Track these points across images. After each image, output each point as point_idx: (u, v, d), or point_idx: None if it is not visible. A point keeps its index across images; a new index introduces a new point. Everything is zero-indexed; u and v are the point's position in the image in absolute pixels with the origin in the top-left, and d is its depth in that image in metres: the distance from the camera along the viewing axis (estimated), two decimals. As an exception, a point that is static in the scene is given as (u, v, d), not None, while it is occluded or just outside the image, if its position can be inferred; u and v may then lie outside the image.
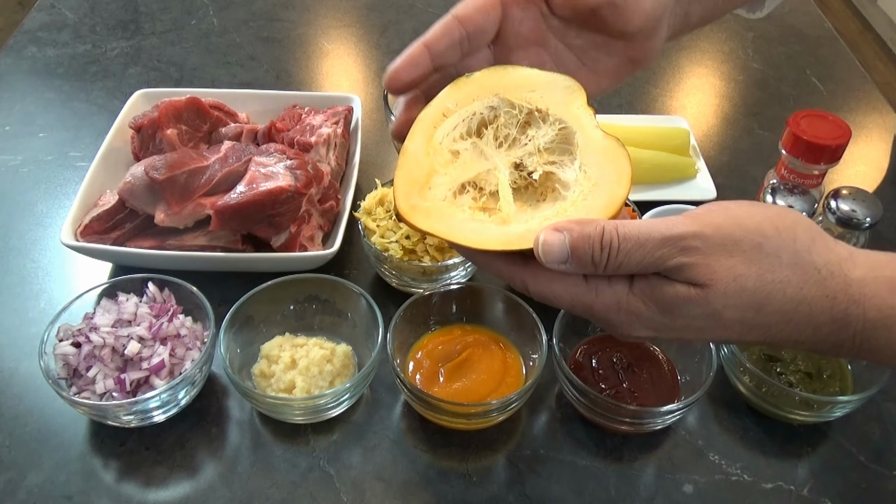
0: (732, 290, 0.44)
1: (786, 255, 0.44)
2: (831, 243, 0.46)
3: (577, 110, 0.51)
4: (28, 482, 0.69)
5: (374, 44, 1.29)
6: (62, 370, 0.70)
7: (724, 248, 0.44)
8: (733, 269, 0.44)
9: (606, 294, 0.46)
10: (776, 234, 0.45)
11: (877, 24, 3.19)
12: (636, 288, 0.45)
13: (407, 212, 0.48)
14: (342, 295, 0.78)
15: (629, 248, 0.43)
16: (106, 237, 0.85)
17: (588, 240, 0.43)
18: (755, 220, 0.45)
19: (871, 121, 1.16)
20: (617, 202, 0.47)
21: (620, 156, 0.48)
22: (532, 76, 0.51)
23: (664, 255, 0.43)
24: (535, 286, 0.47)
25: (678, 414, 0.69)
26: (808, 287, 0.44)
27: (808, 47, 1.29)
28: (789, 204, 0.77)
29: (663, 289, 0.44)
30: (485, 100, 0.51)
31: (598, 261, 0.43)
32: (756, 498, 0.70)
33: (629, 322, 0.46)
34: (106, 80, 1.17)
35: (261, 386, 0.73)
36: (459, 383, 0.72)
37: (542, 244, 0.44)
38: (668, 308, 0.45)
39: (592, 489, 0.70)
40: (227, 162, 0.85)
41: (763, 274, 0.44)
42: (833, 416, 0.73)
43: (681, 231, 0.43)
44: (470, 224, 0.48)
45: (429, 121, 0.51)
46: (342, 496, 0.69)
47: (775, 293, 0.44)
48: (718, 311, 0.44)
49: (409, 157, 0.50)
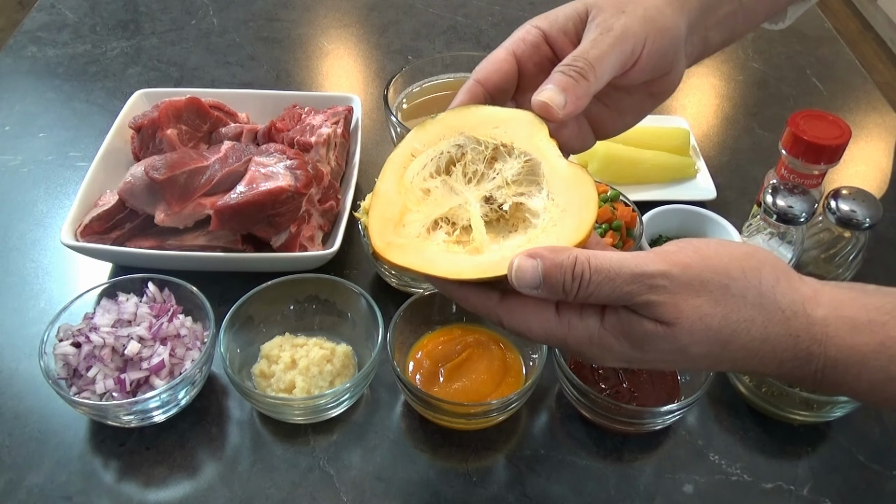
0: (698, 328, 0.45)
1: (751, 296, 0.46)
2: (796, 283, 0.48)
3: (541, 142, 0.52)
4: (28, 482, 0.69)
5: (374, 44, 1.29)
6: (62, 370, 0.70)
7: (691, 288, 0.45)
8: (699, 309, 0.45)
9: (579, 329, 0.47)
10: (742, 275, 0.46)
11: (877, 24, 3.19)
12: (607, 323, 0.47)
13: (382, 249, 0.49)
14: (342, 295, 0.78)
15: (599, 280, 0.44)
16: (106, 237, 0.85)
17: (560, 268, 0.44)
18: (723, 261, 0.46)
19: (871, 121, 1.16)
20: (586, 226, 0.48)
21: (586, 181, 0.50)
22: (495, 113, 0.53)
23: (632, 291, 0.44)
24: (510, 321, 0.48)
25: (678, 414, 0.69)
26: (771, 326, 0.46)
27: (808, 47, 1.29)
28: (789, 204, 0.77)
29: (632, 325, 0.46)
30: (451, 139, 0.53)
31: (568, 289, 0.45)
32: (756, 498, 0.70)
33: (601, 354, 0.48)
34: (106, 80, 1.17)
35: (261, 386, 0.73)
36: (459, 383, 0.72)
37: (515, 269, 0.45)
38: (637, 343, 0.46)
39: (592, 489, 0.70)
40: (227, 162, 0.85)
41: (728, 314, 0.46)
42: (833, 416, 0.73)
43: (650, 270, 0.44)
44: (444, 256, 0.49)
45: (398, 161, 0.52)
46: (342, 496, 0.69)
47: (740, 331, 0.46)
48: (685, 347, 0.46)
49: (381, 197, 0.51)
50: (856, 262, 0.82)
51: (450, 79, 1.05)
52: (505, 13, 1.36)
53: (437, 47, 1.27)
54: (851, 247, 0.81)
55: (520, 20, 1.40)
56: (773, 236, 0.81)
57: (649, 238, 0.88)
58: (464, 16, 1.35)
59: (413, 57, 1.24)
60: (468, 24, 1.33)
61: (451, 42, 1.29)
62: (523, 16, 1.35)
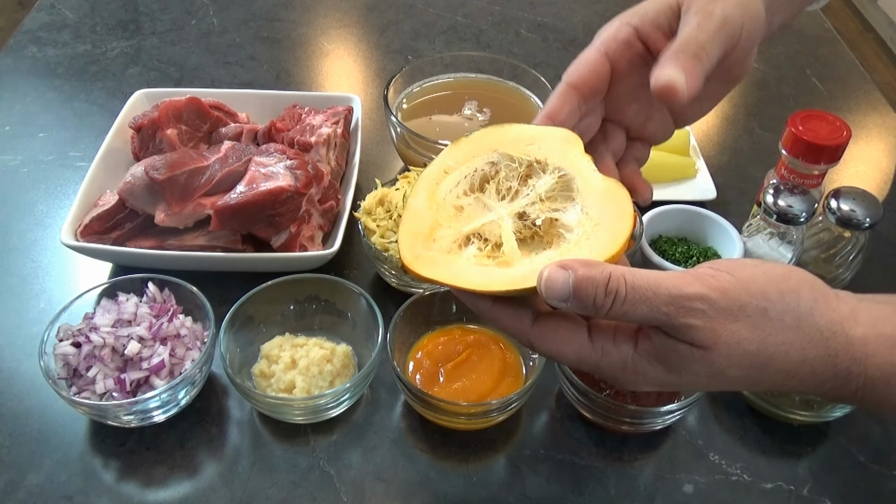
0: (735, 352, 0.45)
1: (789, 319, 0.45)
2: (833, 302, 0.47)
3: (575, 158, 0.51)
4: (28, 482, 0.69)
5: (374, 44, 1.29)
6: (62, 370, 0.70)
7: (729, 313, 0.44)
8: (737, 334, 0.44)
9: (612, 355, 0.46)
10: (780, 298, 0.45)
11: (877, 24, 3.19)
12: (641, 349, 0.46)
13: (411, 262, 0.49)
14: (342, 295, 0.78)
15: (636, 298, 0.43)
16: (106, 237, 0.85)
17: (592, 282, 0.43)
18: (760, 284, 0.46)
19: (871, 121, 1.16)
20: (621, 239, 0.47)
21: (621, 195, 0.49)
22: (528, 131, 0.53)
23: (670, 314, 0.43)
24: (541, 345, 0.47)
25: (678, 414, 0.69)
26: (810, 348, 0.46)
27: (808, 47, 1.29)
28: (789, 204, 0.77)
29: (667, 350, 0.45)
30: (485, 156, 0.53)
31: (599, 304, 0.43)
32: (756, 498, 0.70)
33: (635, 380, 0.47)
34: (106, 80, 1.17)
35: (261, 386, 0.73)
36: (459, 383, 0.72)
37: (545, 279, 0.44)
38: (673, 368, 0.46)
39: (592, 489, 0.70)
40: (227, 162, 0.85)
41: (766, 338, 0.45)
42: (833, 416, 0.73)
43: (688, 292, 0.44)
44: (473, 269, 0.48)
45: (431, 178, 0.52)
46: (342, 496, 0.69)
47: (778, 354, 0.45)
48: (722, 371, 0.45)
49: (412, 212, 0.51)
50: (856, 262, 0.82)
51: (450, 79, 1.05)
52: (505, 13, 1.36)
53: (437, 47, 1.27)
54: (851, 247, 0.81)
55: (520, 20, 1.40)
56: (773, 236, 0.81)
57: (649, 238, 0.88)
58: (464, 16, 1.35)
59: (413, 57, 1.24)
60: (468, 24, 1.33)
61: (451, 42, 1.29)
62: (523, 16, 1.35)
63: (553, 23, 1.34)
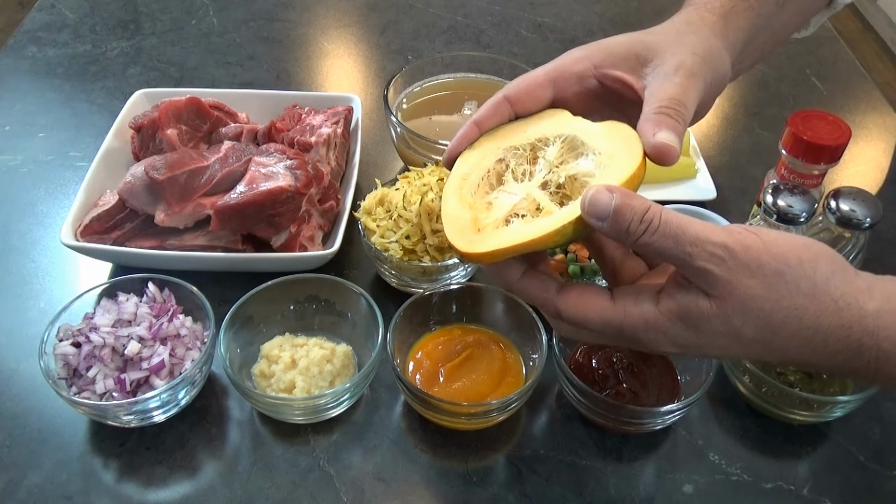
0: (750, 308, 0.46)
1: (805, 285, 0.47)
2: (851, 276, 0.49)
3: (568, 121, 0.55)
4: (28, 482, 0.69)
5: (374, 44, 1.29)
6: (62, 370, 0.70)
7: (746, 268, 0.46)
8: (751, 289, 0.46)
9: (634, 314, 0.49)
10: (798, 264, 0.47)
11: (877, 24, 3.19)
12: (662, 306, 0.48)
13: (466, 247, 0.51)
14: (342, 295, 0.78)
15: (666, 232, 0.45)
16: (106, 237, 0.85)
17: (631, 209, 0.46)
18: (781, 249, 0.47)
19: (871, 121, 1.16)
20: (637, 156, 0.50)
21: (621, 127, 0.53)
22: (519, 124, 0.57)
23: (693, 253, 0.45)
24: (567, 311, 0.50)
25: (678, 414, 0.69)
26: (823, 316, 0.47)
27: (808, 47, 1.29)
28: (789, 204, 0.77)
29: (688, 305, 0.47)
30: (491, 156, 0.56)
31: (633, 230, 0.46)
32: (756, 498, 0.70)
33: (656, 339, 0.49)
34: (106, 80, 1.17)
35: (261, 386, 0.73)
36: (459, 383, 0.72)
37: (590, 197, 0.46)
38: (692, 324, 0.48)
39: (592, 489, 0.70)
40: (227, 162, 0.85)
41: (780, 300, 0.46)
42: (833, 416, 0.73)
43: (714, 238, 0.46)
44: (523, 227, 0.51)
45: (453, 188, 0.55)
46: (342, 496, 0.69)
47: (791, 319, 0.47)
48: (738, 330, 0.47)
49: (449, 216, 0.54)
50: (856, 263, 0.82)
51: (450, 79, 1.05)
52: (505, 13, 1.36)
53: (437, 47, 1.27)
54: (851, 247, 0.81)
55: (520, 20, 1.40)
56: (773, 236, 0.81)
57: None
58: (464, 16, 1.35)
59: (413, 57, 1.24)
60: (468, 24, 1.33)
61: (451, 42, 1.29)
62: (523, 16, 1.35)
63: (553, 23, 1.34)
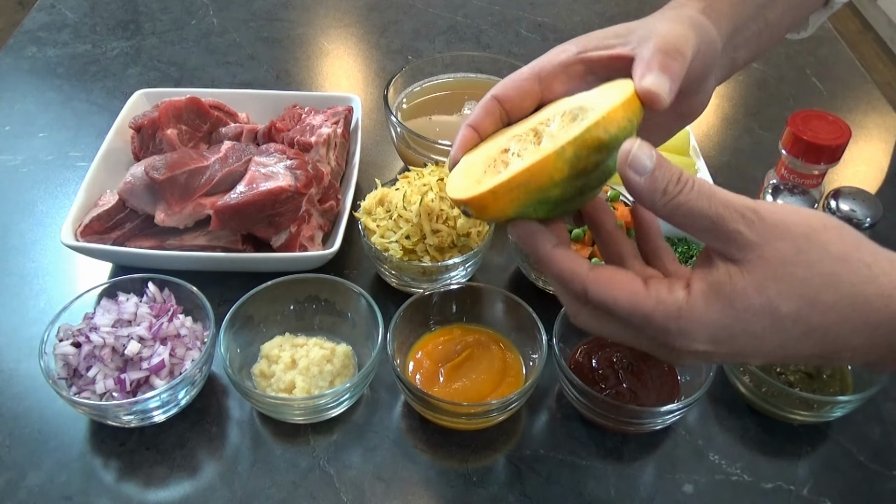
0: (781, 275, 0.44)
1: (834, 249, 0.45)
2: (877, 246, 0.46)
3: (567, 100, 0.54)
4: (28, 482, 0.69)
5: (374, 44, 1.29)
6: (62, 370, 0.70)
7: (776, 230, 0.45)
8: (780, 252, 0.44)
9: (667, 302, 0.46)
10: (824, 228, 0.45)
11: (877, 24, 3.19)
12: (695, 289, 0.46)
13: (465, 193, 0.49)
14: (342, 295, 0.78)
15: (698, 192, 0.45)
16: (106, 237, 0.85)
17: (669, 170, 0.45)
18: (804, 214, 0.46)
19: (871, 121, 1.16)
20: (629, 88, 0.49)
21: (618, 81, 0.52)
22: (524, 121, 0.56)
23: (724, 216, 0.45)
24: (596, 291, 0.47)
25: (678, 414, 0.69)
26: (860, 284, 0.44)
27: (808, 47, 1.29)
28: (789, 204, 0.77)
29: (719, 279, 0.45)
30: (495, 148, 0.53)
31: (670, 189, 0.45)
32: (756, 498, 0.70)
33: (688, 330, 0.46)
34: (106, 80, 1.17)
35: (261, 386, 0.73)
36: (459, 383, 0.72)
37: (634, 149, 0.45)
38: (726, 298, 0.45)
39: (592, 489, 0.70)
40: (227, 162, 0.85)
41: (811, 265, 0.44)
42: (833, 416, 0.73)
43: (743, 202, 0.45)
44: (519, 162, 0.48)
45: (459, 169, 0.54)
46: (342, 496, 0.69)
47: (826, 287, 0.44)
48: (774, 302, 0.44)
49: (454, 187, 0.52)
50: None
51: (450, 79, 1.05)
52: (505, 13, 1.36)
53: (437, 47, 1.27)
54: (851, 247, 0.81)
55: (520, 20, 1.40)
56: (773, 236, 0.81)
57: (649, 238, 0.88)
58: (464, 16, 1.35)
59: (413, 57, 1.24)
60: (468, 24, 1.33)
61: (451, 42, 1.29)
62: (523, 16, 1.35)
63: (553, 23, 1.34)
